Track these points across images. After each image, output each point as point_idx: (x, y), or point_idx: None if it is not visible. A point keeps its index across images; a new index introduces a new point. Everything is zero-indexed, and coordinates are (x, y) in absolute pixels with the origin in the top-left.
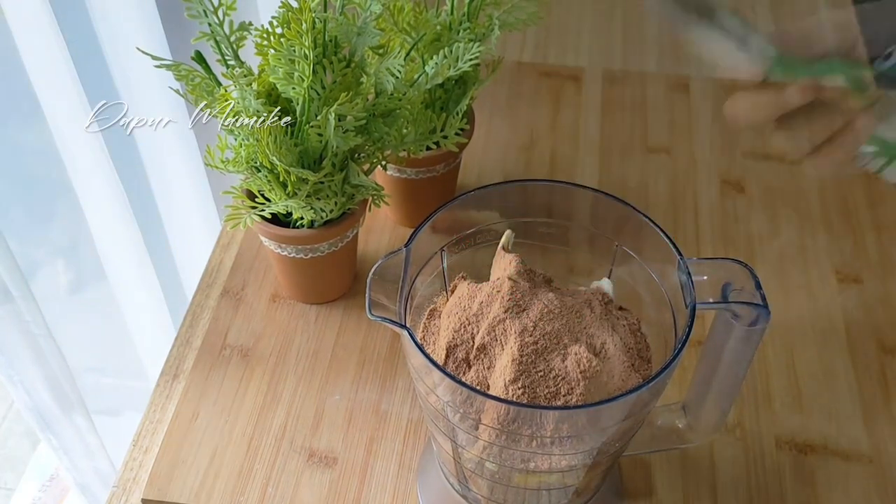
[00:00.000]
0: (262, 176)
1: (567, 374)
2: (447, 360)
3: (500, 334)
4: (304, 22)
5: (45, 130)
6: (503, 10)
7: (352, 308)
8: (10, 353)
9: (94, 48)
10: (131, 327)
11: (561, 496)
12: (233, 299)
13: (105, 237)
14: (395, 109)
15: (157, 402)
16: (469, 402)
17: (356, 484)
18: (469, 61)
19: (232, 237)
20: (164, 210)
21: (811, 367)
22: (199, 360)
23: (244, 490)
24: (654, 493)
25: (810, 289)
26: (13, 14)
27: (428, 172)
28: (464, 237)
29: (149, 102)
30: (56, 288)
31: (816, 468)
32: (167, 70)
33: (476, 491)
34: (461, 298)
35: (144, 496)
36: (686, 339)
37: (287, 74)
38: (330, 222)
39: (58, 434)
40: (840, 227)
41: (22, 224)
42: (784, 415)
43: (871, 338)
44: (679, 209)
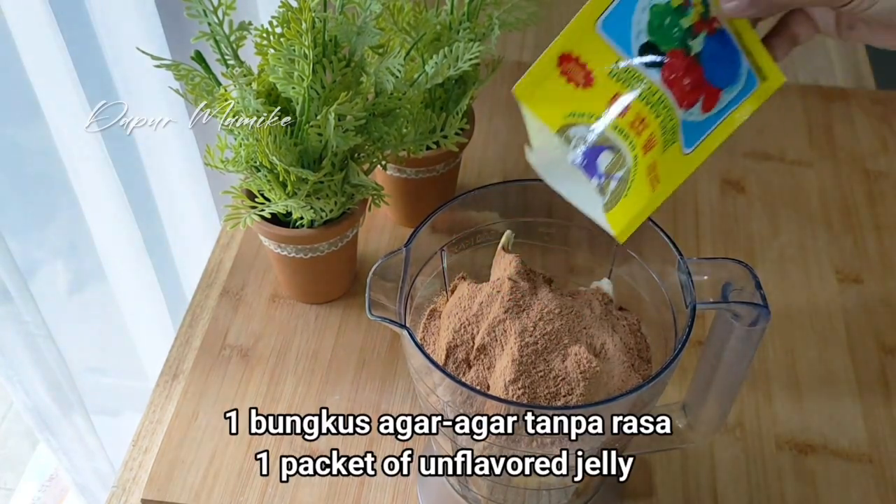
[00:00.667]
0: (261, 176)
1: (567, 375)
2: (447, 361)
3: (500, 334)
4: (304, 21)
5: (45, 130)
6: (503, 9)
7: (352, 308)
8: (9, 353)
9: (94, 48)
10: (131, 327)
11: (561, 496)
12: (232, 299)
13: (105, 237)
14: (394, 109)
15: (157, 402)
16: (469, 403)
17: (356, 484)
18: (469, 61)
19: (232, 237)
20: (164, 210)
21: (811, 367)
22: (199, 361)
23: (244, 490)
24: (654, 493)
25: (810, 289)
26: (13, 14)
27: (428, 172)
28: (464, 237)
29: (149, 102)
30: (55, 288)
31: (816, 468)
32: (167, 70)
33: (476, 491)
34: (461, 298)
35: (144, 496)
36: (686, 339)
37: (287, 74)
38: (330, 222)
39: (57, 434)
40: (840, 226)
41: (22, 224)
42: (784, 415)
43: (872, 337)
44: (679, 209)
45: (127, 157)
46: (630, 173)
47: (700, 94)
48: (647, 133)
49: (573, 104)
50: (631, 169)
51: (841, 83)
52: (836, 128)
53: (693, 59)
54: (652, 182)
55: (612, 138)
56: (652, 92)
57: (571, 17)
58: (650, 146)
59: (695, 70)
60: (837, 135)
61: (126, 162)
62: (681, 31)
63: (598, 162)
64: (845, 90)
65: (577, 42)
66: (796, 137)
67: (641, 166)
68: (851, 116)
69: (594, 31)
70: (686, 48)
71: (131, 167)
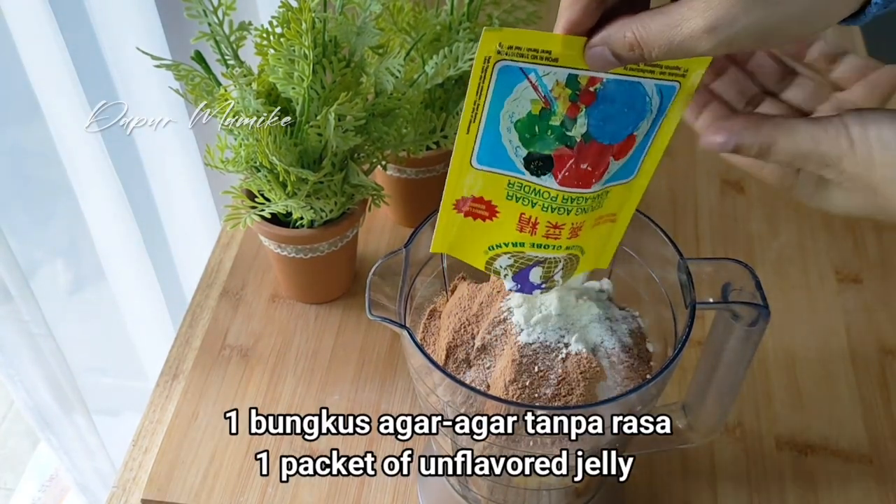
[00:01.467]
0: (261, 176)
1: (567, 375)
2: (447, 361)
3: (500, 334)
4: (304, 22)
5: (45, 130)
6: (503, 9)
7: (352, 308)
8: (9, 352)
9: (94, 48)
10: (131, 327)
11: (561, 496)
12: (232, 299)
13: (105, 237)
14: (394, 109)
15: (157, 402)
16: (469, 403)
17: (356, 484)
18: (469, 61)
19: (232, 237)
20: (164, 210)
21: (811, 367)
22: (199, 360)
23: (244, 490)
24: (654, 493)
25: (810, 289)
26: (13, 14)
27: (428, 172)
28: None
29: (149, 102)
30: (56, 288)
31: (816, 468)
32: (167, 70)
33: (476, 491)
34: (461, 299)
35: (144, 496)
36: (686, 339)
37: (287, 74)
38: (330, 222)
39: (58, 434)
40: (840, 227)
41: (22, 224)
42: (784, 415)
43: (871, 338)
44: (679, 209)
45: (127, 157)
46: (569, 260)
47: (606, 161)
48: (565, 231)
49: (487, 238)
50: (566, 258)
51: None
52: None
53: (581, 142)
54: (608, 222)
55: (533, 256)
56: (552, 198)
57: None
58: (577, 231)
59: (588, 151)
60: None
61: (126, 162)
62: (555, 130)
63: (530, 280)
64: None
65: (462, 185)
66: None
67: (582, 240)
68: None
69: (473, 170)
70: (568, 141)
71: (131, 167)
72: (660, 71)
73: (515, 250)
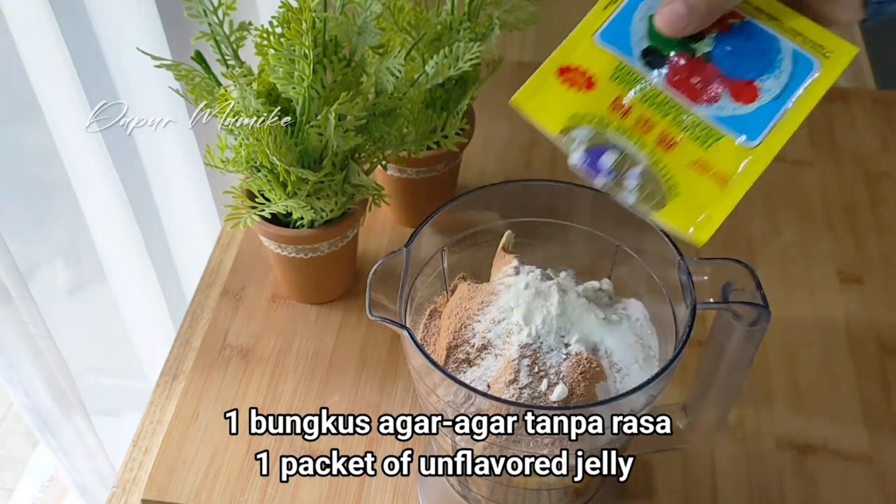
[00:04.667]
0: (262, 176)
1: (567, 375)
2: (447, 361)
3: (501, 334)
4: (304, 22)
5: (45, 130)
6: (503, 9)
7: (352, 308)
8: (9, 353)
9: (94, 48)
10: (131, 327)
11: (561, 496)
12: (233, 299)
13: (105, 237)
14: (395, 109)
15: (157, 402)
16: (469, 403)
17: (356, 484)
18: (469, 61)
19: (232, 237)
20: (164, 210)
21: (812, 368)
22: (199, 361)
23: (244, 490)
24: (654, 493)
25: (811, 289)
26: (13, 14)
27: (428, 172)
28: (464, 237)
29: (149, 102)
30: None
31: (816, 468)
32: (167, 70)
33: (476, 491)
34: (461, 299)
35: (144, 496)
36: (686, 339)
37: (287, 74)
38: (330, 222)
39: (57, 435)
40: (842, 227)
41: (22, 224)
42: (784, 415)
43: (872, 338)
44: None
45: (127, 157)
46: (656, 171)
47: (719, 90)
48: (655, 132)
49: (574, 107)
50: (650, 166)
51: (841, 83)
52: (837, 128)
53: (700, 59)
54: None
55: (614, 139)
56: (654, 93)
57: (571, 17)
58: (669, 144)
59: (704, 68)
60: (838, 135)
61: (126, 162)
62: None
63: (601, 162)
64: (846, 90)
65: (575, 54)
66: (797, 137)
67: (672, 163)
68: (852, 116)
69: (592, 43)
70: (689, 51)
71: (131, 167)
72: (802, 39)
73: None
